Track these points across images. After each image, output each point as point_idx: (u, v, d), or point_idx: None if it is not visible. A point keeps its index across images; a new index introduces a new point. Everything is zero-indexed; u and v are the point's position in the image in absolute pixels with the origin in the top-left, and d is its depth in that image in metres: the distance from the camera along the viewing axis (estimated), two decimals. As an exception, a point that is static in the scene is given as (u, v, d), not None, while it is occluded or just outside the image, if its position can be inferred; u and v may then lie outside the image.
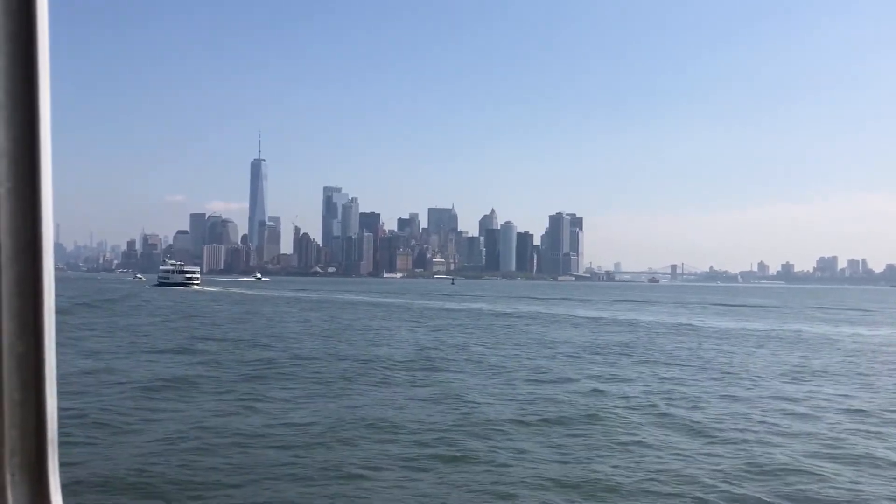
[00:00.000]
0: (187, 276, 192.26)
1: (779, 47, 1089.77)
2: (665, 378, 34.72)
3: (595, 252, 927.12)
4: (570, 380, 33.57)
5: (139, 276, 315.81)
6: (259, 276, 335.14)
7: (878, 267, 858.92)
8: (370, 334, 57.40)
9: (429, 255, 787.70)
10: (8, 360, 1.55)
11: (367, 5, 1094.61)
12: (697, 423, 24.14)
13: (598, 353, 45.50)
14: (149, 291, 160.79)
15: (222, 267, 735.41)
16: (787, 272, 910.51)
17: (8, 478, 1.57)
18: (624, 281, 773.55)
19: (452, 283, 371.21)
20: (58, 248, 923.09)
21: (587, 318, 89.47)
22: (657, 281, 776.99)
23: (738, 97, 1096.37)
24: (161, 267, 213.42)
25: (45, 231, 1.58)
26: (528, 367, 37.80)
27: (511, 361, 40.37)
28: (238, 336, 53.53)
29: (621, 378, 34.66)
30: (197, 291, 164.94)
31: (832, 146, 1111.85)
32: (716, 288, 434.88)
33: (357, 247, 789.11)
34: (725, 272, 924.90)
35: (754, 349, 51.39)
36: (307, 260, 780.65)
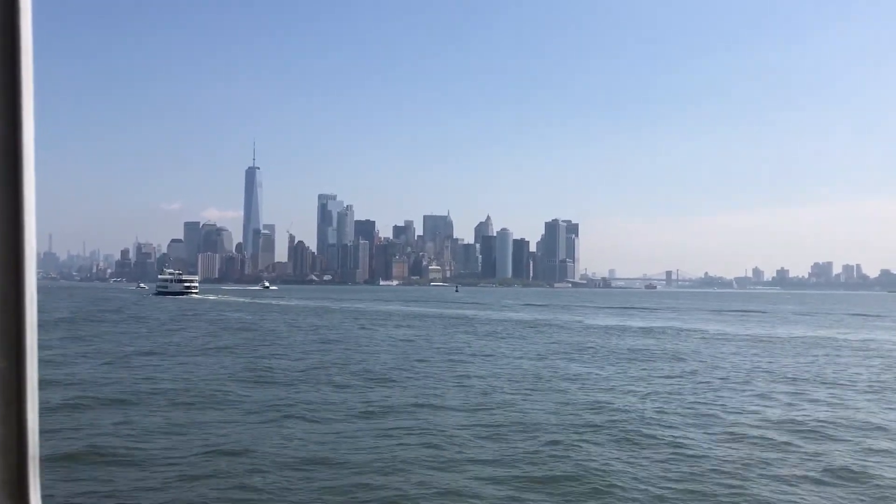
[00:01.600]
0: (186, 284, 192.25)
1: (774, 53, 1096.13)
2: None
3: (589, 258, 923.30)
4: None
5: (142, 285, 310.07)
6: (267, 284, 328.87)
7: (872, 272, 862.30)
8: (512, 360, 47.04)
9: (425, 263, 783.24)
10: None
11: (362, 12, 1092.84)
12: None
13: (780, 381, 39.12)
14: (156, 301, 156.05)
15: (217, 276, 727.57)
16: (782, 278, 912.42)
17: None
18: (620, 287, 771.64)
19: (456, 291, 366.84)
20: (50, 257, 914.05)
21: (664, 328, 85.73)
22: (654, 287, 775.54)
23: (730, 102, 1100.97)
24: (159, 276, 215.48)
25: (29, 245, 1.56)
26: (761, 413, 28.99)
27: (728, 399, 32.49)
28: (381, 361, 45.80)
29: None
30: (199, 300, 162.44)
31: (826, 151, 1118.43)
32: (721, 294, 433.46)
33: (353, 254, 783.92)
34: (720, 278, 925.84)
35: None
36: (302, 268, 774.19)
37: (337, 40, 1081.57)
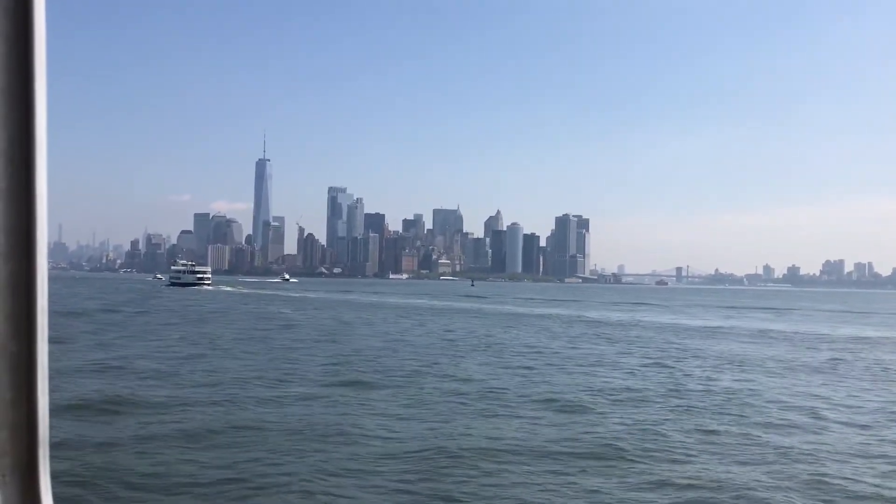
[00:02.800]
0: (198, 276, 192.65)
1: (785, 50, 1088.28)
2: None
3: (599, 254, 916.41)
4: None
5: (159, 276, 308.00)
6: (287, 277, 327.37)
7: (884, 270, 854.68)
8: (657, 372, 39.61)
9: (434, 256, 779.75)
10: (0, 360, 1.55)
11: (373, 5, 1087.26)
12: None
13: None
14: (175, 293, 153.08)
15: (227, 267, 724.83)
16: (792, 275, 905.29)
17: None
18: (630, 283, 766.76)
19: (472, 285, 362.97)
20: (60, 247, 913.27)
21: (731, 328, 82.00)
22: (665, 283, 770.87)
23: (744, 100, 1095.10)
24: (172, 267, 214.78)
25: (40, 231, 1.57)
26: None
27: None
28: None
29: None
30: (215, 292, 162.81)
31: (838, 149, 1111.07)
32: (737, 291, 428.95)
33: (362, 247, 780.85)
34: (731, 275, 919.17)
35: None
36: (312, 260, 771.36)
37: (349, 33, 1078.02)
